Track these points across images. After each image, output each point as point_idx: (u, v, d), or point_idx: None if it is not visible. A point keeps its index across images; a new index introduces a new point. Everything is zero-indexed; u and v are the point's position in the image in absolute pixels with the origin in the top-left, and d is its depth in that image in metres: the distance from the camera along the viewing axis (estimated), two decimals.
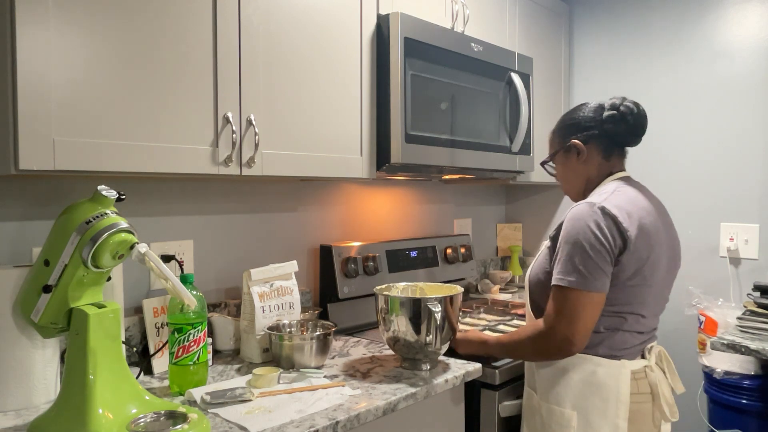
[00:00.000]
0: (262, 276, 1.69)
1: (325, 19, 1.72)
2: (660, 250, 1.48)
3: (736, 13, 2.44)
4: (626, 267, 1.41)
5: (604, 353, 1.47)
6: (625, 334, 1.48)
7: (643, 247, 1.43)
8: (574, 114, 1.62)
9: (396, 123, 1.82)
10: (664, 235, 1.52)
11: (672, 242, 1.56)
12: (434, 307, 1.53)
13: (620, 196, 1.47)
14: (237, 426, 1.21)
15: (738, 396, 2.14)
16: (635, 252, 1.41)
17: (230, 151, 1.48)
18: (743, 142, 2.43)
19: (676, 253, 1.58)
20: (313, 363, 1.59)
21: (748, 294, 2.13)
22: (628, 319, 1.47)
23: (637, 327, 1.49)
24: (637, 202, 1.48)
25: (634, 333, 1.49)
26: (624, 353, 1.48)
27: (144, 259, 1.21)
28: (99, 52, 1.25)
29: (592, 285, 1.39)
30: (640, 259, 1.42)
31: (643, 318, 1.49)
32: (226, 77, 1.47)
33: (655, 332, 1.57)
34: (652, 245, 1.45)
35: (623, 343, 1.48)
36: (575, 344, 1.41)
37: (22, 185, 1.47)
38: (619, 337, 1.47)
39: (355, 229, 2.32)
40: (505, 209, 3.15)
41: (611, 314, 1.45)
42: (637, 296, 1.46)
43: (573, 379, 1.48)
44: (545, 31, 2.68)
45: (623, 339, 1.47)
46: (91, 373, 1.14)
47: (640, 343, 1.51)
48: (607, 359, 1.47)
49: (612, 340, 1.47)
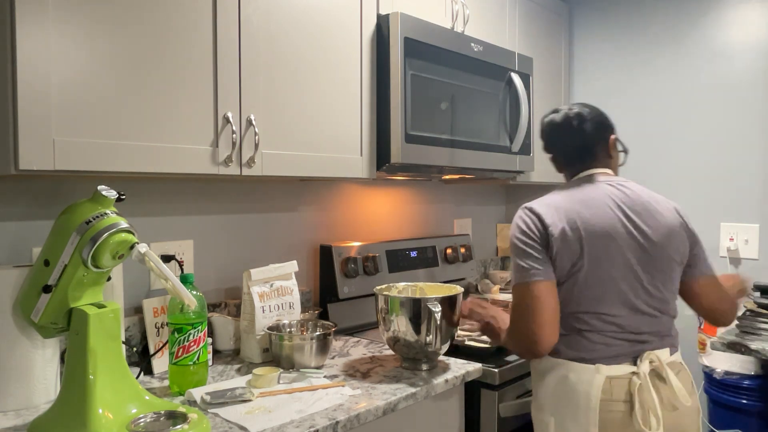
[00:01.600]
0: (262, 276, 1.69)
1: (325, 19, 1.72)
2: (611, 244, 1.42)
3: (736, 13, 2.44)
4: (559, 261, 1.42)
5: (573, 357, 1.44)
6: (591, 335, 1.43)
7: (573, 240, 1.42)
8: None
9: (396, 123, 1.82)
10: (624, 228, 1.44)
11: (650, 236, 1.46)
12: (434, 307, 1.53)
13: (556, 196, 1.51)
14: (237, 426, 1.21)
15: (738, 396, 2.14)
16: (564, 245, 1.42)
17: (230, 151, 1.48)
18: (743, 142, 2.43)
19: (660, 247, 1.47)
20: (313, 363, 1.59)
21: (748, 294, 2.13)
22: (586, 319, 1.43)
23: (606, 328, 1.43)
24: (576, 197, 1.48)
25: (606, 335, 1.43)
26: (598, 358, 1.42)
27: (144, 259, 1.21)
28: (99, 53, 1.25)
29: (534, 275, 1.41)
30: (573, 252, 1.42)
31: (609, 317, 1.43)
32: (226, 77, 1.47)
33: (656, 337, 1.47)
34: (591, 238, 1.42)
35: (592, 347, 1.43)
36: (540, 339, 1.40)
37: (22, 185, 1.47)
38: (584, 338, 1.44)
39: (355, 229, 2.32)
40: (505, 209, 3.15)
41: (565, 315, 1.44)
42: (585, 293, 1.43)
43: (549, 385, 1.48)
44: (545, 31, 2.68)
45: (591, 341, 1.43)
46: (91, 373, 1.14)
47: (624, 347, 1.43)
48: (579, 363, 1.43)
49: (577, 342, 1.44)
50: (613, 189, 1.51)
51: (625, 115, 2.73)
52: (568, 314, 1.45)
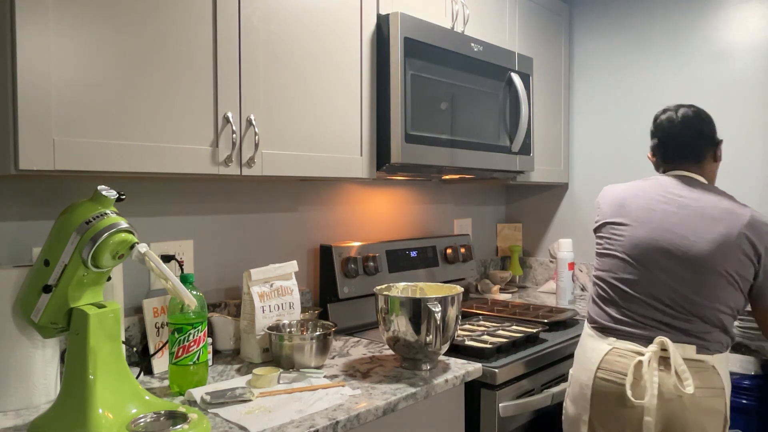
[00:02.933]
0: (262, 276, 1.69)
1: (325, 19, 1.72)
2: (643, 227, 1.60)
3: (737, 13, 2.44)
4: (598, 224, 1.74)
5: (592, 321, 1.67)
6: (605, 304, 1.64)
7: (611, 211, 1.69)
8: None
9: (396, 123, 1.82)
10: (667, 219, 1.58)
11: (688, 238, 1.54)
12: (434, 307, 1.53)
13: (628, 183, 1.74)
14: (237, 426, 1.21)
15: (738, 396, 2.14)
16: (603, 212, 1.72)
17: (230, 151, 1.48)
18: (743, 142, 2.43)
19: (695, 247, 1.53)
20: (313, 363, 1.59)
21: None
22: (604, 287, 1.65)
23: (622, 300, 1.60)
24: (640, 186, 1.69)
25: (618, 308, 1.60)
26: (610, 329, 1.61)
27: (144, 259, 1.21)
28: (99, 52, 1.25)
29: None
30: (604, 215, 1.71)
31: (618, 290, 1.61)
32: (226, 77, 1.47)
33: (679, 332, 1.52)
34: (627, 215, 1.64)
35: (606, 317, 1.62)
36: None
37: (22, 185, 1.47)
38: (599, 307, 1.65)
39: (355, 229, 2.32)
40: (505, 209, 3.15)
41: (594, 280, 1.70)
42: (605, 256, 1.67)
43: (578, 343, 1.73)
44: (545, 31, 2.68)
45: (604, 310, 1.63)
46: (91, 373, 1.15)
47: (630, 326, 1.58)
48: (596, 331, 1.64)
49: (595, 308, 1.67)
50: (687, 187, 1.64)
51: (626, 115, 2.73)
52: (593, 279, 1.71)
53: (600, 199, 1.76)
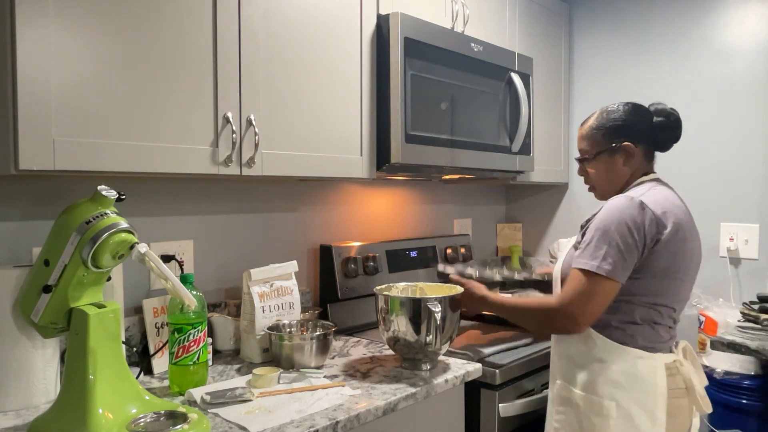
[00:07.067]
0: (262, 276, 1.69)
1: (325, 19, 1.72)
2: (692, 247, 1.53)
3: (737, 13, 2.44)
4: (659, 259, 1.46)
5: (642, 345, 1.49)
6: (659, 327, 1.50)
7: (675, 242, 1.47)
8: (617, 116, 1.61)
9: (396, 123, 1.82)
10: (695, 233, 1.56)
11: (699, 242, 1.59)
12: (434, 307, 1.53)
13: (657, 193, 1.52)
14: (237, 426, 1.21)
15: (738, 396, 2.14)
16: (668, 246, 1.46)
17: (230, 151, 1.48)
18: (743, 142, 2.43)
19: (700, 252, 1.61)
20: (313, 363, 1.59)
21: (744, 303, 2.15)
22: (662, 312, 1.50)
23: (669, 321, 1.53)
24: (670, 199, 1.54)
25: (666, 327, 1.52)
26: (659, 346, 1.51)
27: (144, 259, 1.21)
28: (99, 52, 1.25)
29: (613, 273, 1.43)
30: (672, 254, 1.47)
31: (674, 312, 1.53)
32: (226, 77, 1.47)
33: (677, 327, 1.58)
34: (684, 241, 1.50)
35: (659, 337, 1.51)
36: (580, 325, 1.47)
37: (22, 185, 1.47)
38: (654, 329, 1.50)
39: (355, 229, 2.32)
40: (505, 209, 3.15)
41: (646, 305, 1.49)
42: (669, 289, 1.50)
43: (613, 371, 1.49)
44: (545, 31, 2.68)
45: (658, 332, 1.50)
46: (91, 373, 1.14)
47: (670, 338, 1.54)
48: (646, 351, 1.49)
49: (649, 332, 1.50)
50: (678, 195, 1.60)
51: None
52: (647, 304, 1.49)
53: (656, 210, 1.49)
